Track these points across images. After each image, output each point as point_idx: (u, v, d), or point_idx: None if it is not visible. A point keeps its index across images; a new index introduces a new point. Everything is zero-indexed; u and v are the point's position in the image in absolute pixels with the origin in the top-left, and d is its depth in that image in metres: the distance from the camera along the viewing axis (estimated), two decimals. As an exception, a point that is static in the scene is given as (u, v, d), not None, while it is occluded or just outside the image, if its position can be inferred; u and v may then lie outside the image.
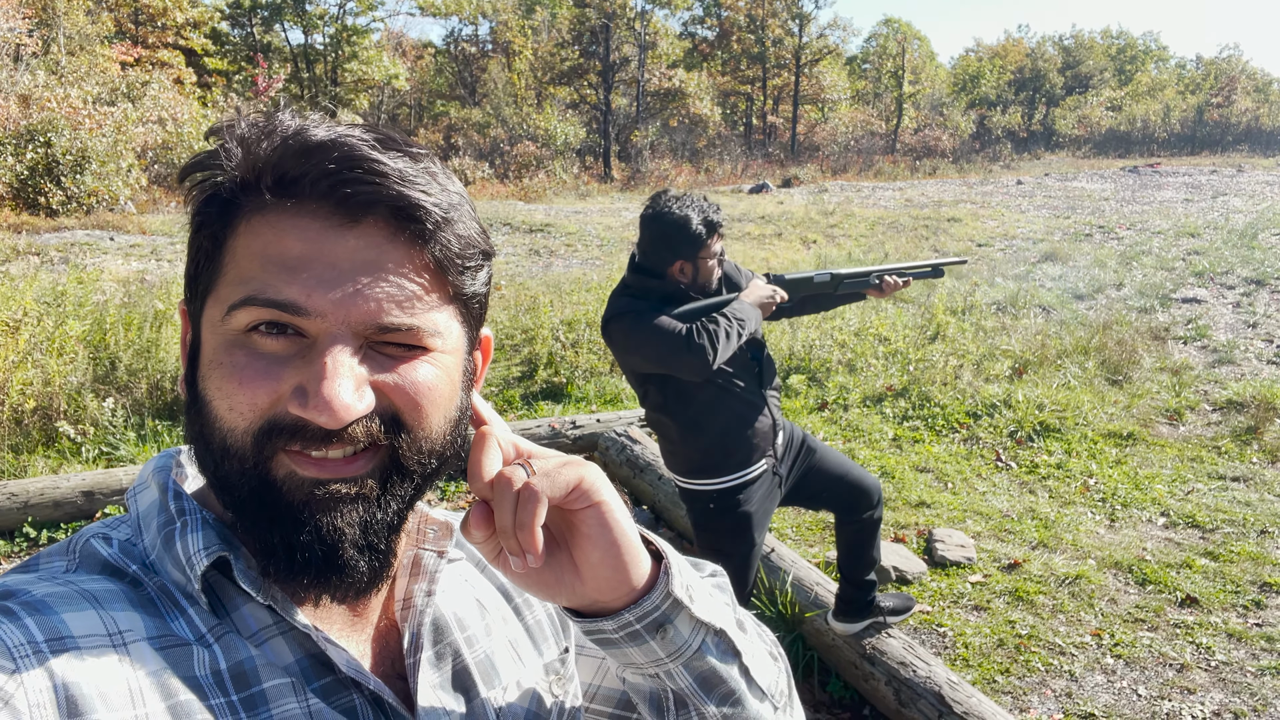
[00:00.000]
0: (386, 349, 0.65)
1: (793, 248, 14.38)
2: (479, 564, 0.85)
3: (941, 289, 10.36)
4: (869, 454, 5.74)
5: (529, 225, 15.38)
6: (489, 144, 29.81)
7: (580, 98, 35.11)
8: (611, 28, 31.95)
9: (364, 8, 40.69)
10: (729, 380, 2.69)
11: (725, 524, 2.74)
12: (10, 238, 11.68)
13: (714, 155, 34.01)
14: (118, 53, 27.14)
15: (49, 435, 5.45)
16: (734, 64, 43.35)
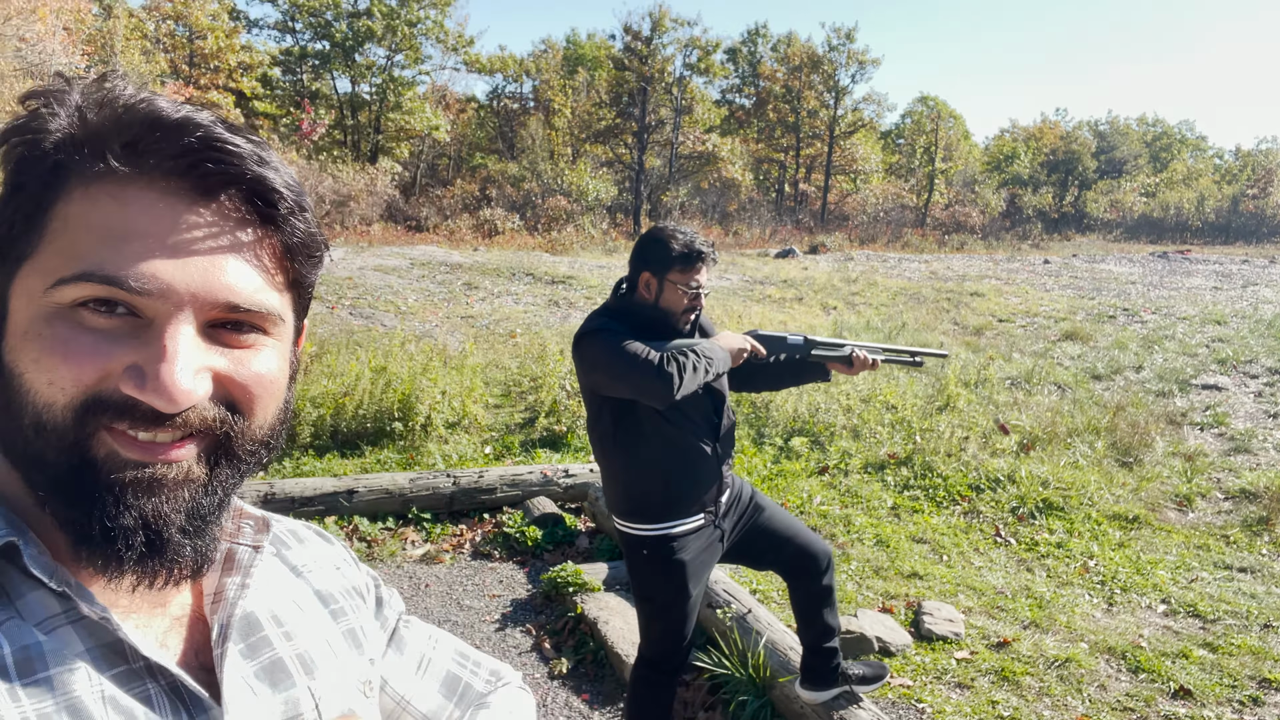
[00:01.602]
0: (226, 333, 0.63)
1: (812, 312, 14.37)
2: (294, 569, 0.82)
3: (956, 361, 10.28)
4: (866, 521, 5.63)
5: (551, 276, 15.52)
6: (521, 197, 30.30)
7: (615, 156, 35.70)
8: (649, 90, 32.61)
9: (411, 61, 41.96)
10: (684, 424, 2.61)
11: (658, 572, 2.65)
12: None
13: (744, 219, 34.33)
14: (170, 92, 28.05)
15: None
16: (769, 132, 43.99)
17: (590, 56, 43.60)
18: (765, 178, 44.45)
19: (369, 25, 38.67)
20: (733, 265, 20.46)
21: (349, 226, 24.15)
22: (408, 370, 6.83)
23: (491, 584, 4.60)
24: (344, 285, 13.14)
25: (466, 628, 4.13)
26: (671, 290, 2.57)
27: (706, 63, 38.02)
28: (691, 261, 2.56)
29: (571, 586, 4.28)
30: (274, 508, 4.81)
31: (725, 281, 17.35)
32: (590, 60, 43.16)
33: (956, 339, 12.53)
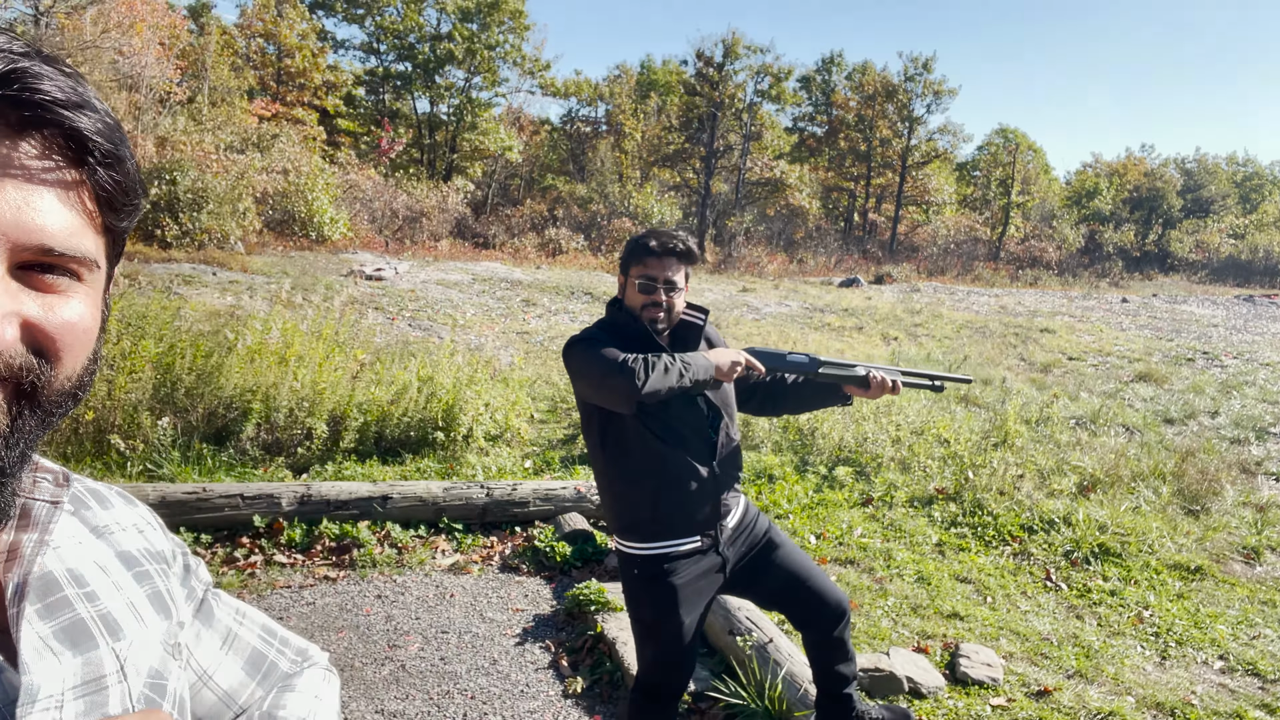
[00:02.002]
0: (37, 276, 0.60)
1: (871, 342, 14.11)
2: (96, 530, 0.78)
3: (1018, 397, 9.94)
4: (908, 556, 5.43)
5: (609, 295, 15.55)
6: (588, 218, 30.56)
7: (682, 180, 35.81)
8: (719, 116, 32.68)
9: (488, 83, 42.87)
10: (673, 439, 2.49)
11: (649, 594, 2.55)
12: (124, 265, 12.45)
13: (810, 247, 34.05)
14: (257, 107, 29.13)
15: (100, 447, 5.65)
16: (839, 160, 43.65)
17: (663, 82, 43.93)
18: (834, 206, 44.06)
19: (450, 48, 39.66)
20: (794, 292, 20.26)
21: (418, 241, 24.64)
22: (452, 381, 6.87)
23: (516, 597, 4.56)
24: (406, 298, 13.37)
25: (486, 639, 4.09)
26: (632, 287, 2.50)
27: (778, 89, 37.95)
28: (645, 254, 2.47)
29: (594, 605, 4.20)
30: (309, 510, 4.87)
31: (784, 308, 17.17)
32: (662, 85, 43.48)
33: (1022, 375, 12.14)
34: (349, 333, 8.78)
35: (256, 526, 4.74)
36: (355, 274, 14.77)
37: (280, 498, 4.81)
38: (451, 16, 40.05)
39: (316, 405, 6.21)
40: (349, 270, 15.26)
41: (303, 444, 6.07)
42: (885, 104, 40.71)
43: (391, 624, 4.15)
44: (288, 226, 20.28)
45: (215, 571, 4.42)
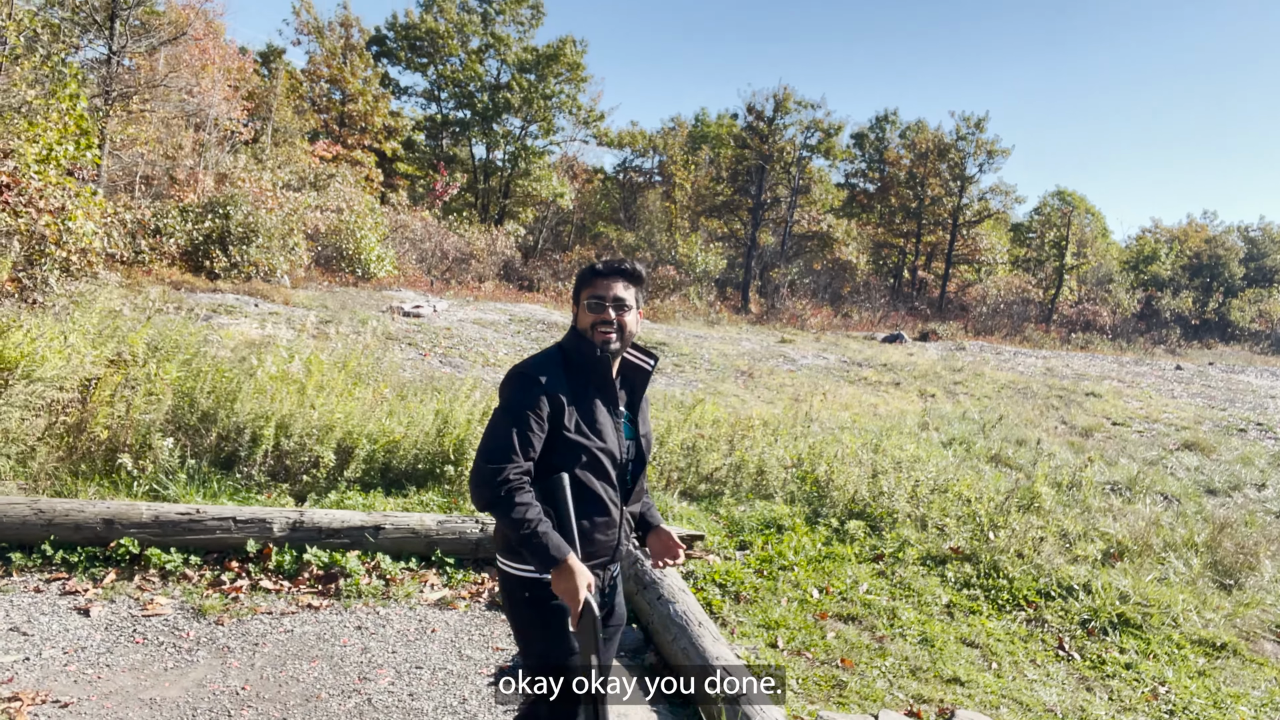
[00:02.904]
0: None
1: (907, 398, 13.84)
2: None
3: (1051, 459, 9.63)
4: (914, 616, 5.22)
5: (645, 342, 15.54)
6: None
7: (729, 231, 35.93)
8: (767, 169, 32.83)
9: (543, 132, 43.76)
10: (589, 474, 2.49)
11: (538, 618, 2.49)
12: (170, 293, 12.81)
13: (856, 301, 33.78)
14: (319, 149, 30.06)
15: (110, 465, 5.73)
16: (890, 217, 43.47)
17: (714, 134, 44.38)
18: (883, 262, 43.77)
19: (508, 97, 40.65)
20: (834, 345, 20.05)
21: (463, 282, 25.01)
22: (466, 417, 6.86)
23: (499, 636, 4.46)
24: (440, 335, 13.51)
25: (460, 677, 4.00)
26: (583, 309, 2.56)
27: (828, 144, 38.08)
28: (593, 275, 2.56)
29: (573, 647, 4.09)
30: (301, 536, 4.85)
31: (821, 360, 16.98)
32: (714, 137, 43.92)
33: (1060, 438, 11.78)
34: (372, 366, 8.87)
35: (247, 551, 4.74)
36: (393, 310, 14.99)
37: (272, 523, 4.81)
38: (511, 67, 41.12)
39: (326, 434, 6.24)
40: (388, 306, 15.50)
41: (309, 471, 6.09)
42: (938, 162, 40.54)
43: (367, 656, 4.08)
44: (336, 263, 20.74)
45: (200, 594, 4.41)
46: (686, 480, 7.13)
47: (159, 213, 15.74)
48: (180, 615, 4.19)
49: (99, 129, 16.93)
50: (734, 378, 13.76)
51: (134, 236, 14.56)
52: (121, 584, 4.38)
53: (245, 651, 3.96)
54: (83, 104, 7.79)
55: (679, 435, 7.59)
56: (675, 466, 7.18)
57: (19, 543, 4.45)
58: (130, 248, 14.17)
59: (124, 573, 4.48)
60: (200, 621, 4.16)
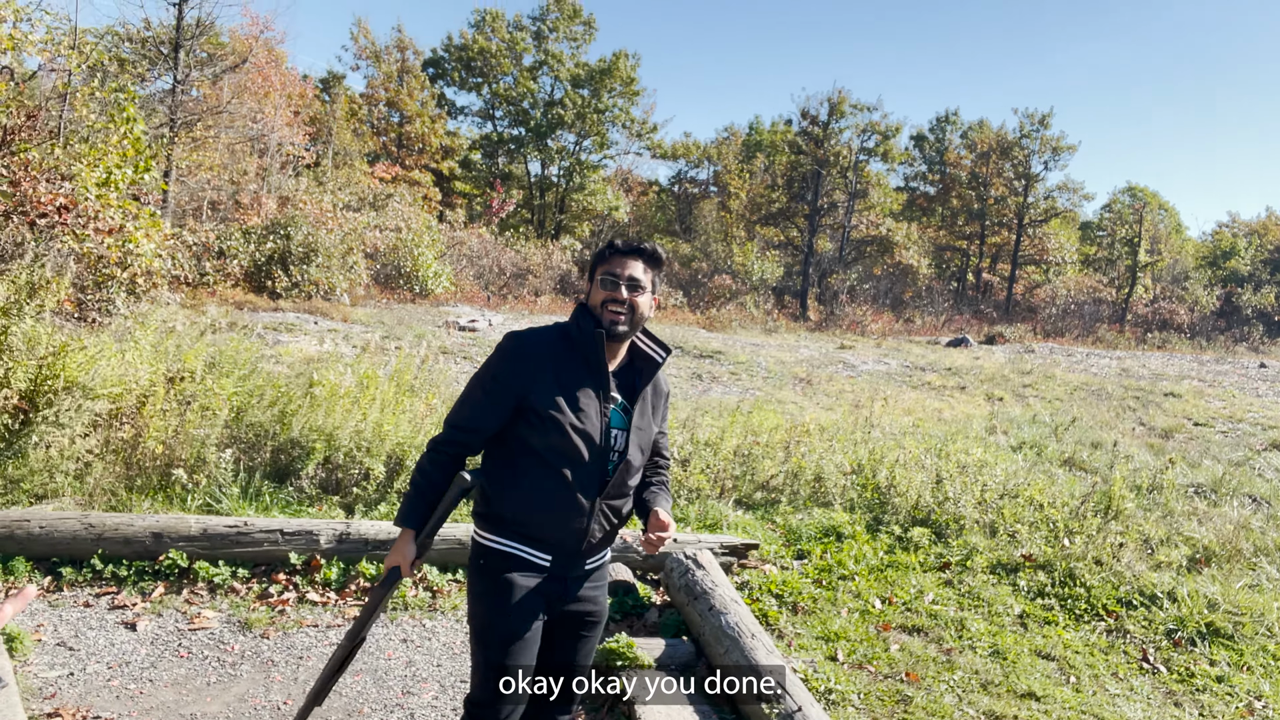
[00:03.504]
0: None
1: (974, 402, 13.39)
2: None
3: (1130, 462, 9.16)
4: (984, 628, 4.93)
5: (700, 351, 15.36)
6: (689, 275, 30.60)
7: (786, 238, 35.54)
8: (823, 174, 32.40)
9: (597, 146, 43.99)
10: (559, 462, 2.35)
11: (484, 590, 2.39)
12: (232, 312, 13.08)
13: (919, 306, 33.06)
14: (379, 170, 30.66)
15: (165, 479, 5.78)
16: (952, 219, 42.54)
17: (768, 142, 44.06)
18: (946, 266, 42.83)
19: (561, 113, 40.99)
20: (896, 351, 19.59)
21: (519, 296, 25.15)
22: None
23: (547, 650, 4.32)
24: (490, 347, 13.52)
25: (505, 692, 3.87)
26: (596, 285, 2.44)
27: (885, 147, 37.44)
28: (610, 252, 2.46)
29: (622, 660, 3.93)
30: (348, 548, 4.80)
31: (883, 366, 16.58)
32: (768, 145, 43.61)
33: (1138, 440, 11.24)
34: (424, 379, 8.87)
35: (294, 563, 4.70)
36: (449, 325, 15.09)
37: (319, 535, 4.77)
38: (564, 83, 41.47)
39: (377, 446, 6.22)
40: (444, 321, 15.61)
41: (359, 484, 6.06)
42: (1001, 161, 39.56)
43: (411, 669, 3.99)
44: (394, 280, 21.02)
45: (247, 607, 4.38)
46: (742, 488, 6.93)
47: (222, 235, 16.13)
48: (226, 629, 4.15)
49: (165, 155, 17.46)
50: (792, 385, 13.49)
51: (198, 259, 14.93)
52: (169, 597, 4.37)
53: (289, 665, 3.90)
54: (140, 128, 7.96)
55: (733, 442, 7.39)
56: (730, 474, 6.99)
57: (70, 557, 4.47)
58: (195, 270, 14.53)
59: (172, 586, 4.47)
60: (246, 635, 4.11)
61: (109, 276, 8.88)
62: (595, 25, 42.24)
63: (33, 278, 6.11)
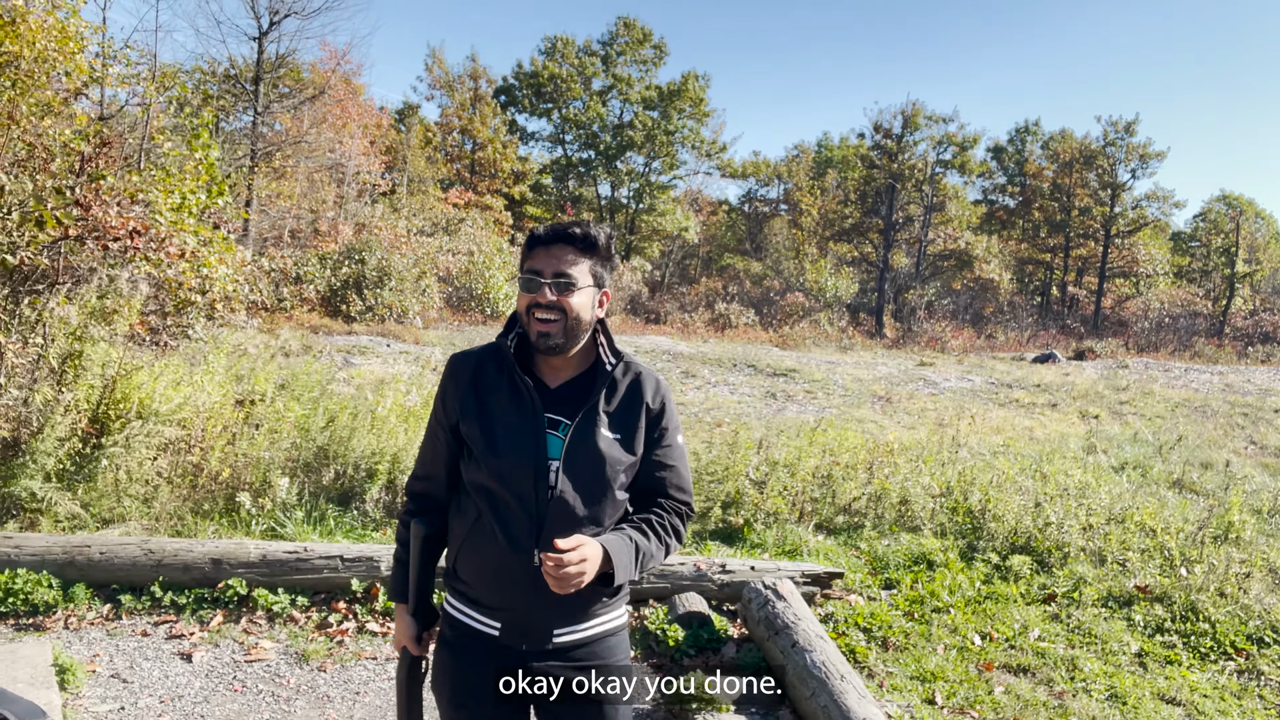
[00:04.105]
0: None
1: (1067, 420, 12.67)
2: None
3: (1245, 483, 8.45)
4: (1098, 668, 4.46)
5: (774, 369, 14.96)
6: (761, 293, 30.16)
7: (860, 254, 34.81)
8: (898, 188, 31.67)
9: (667, 167, 43.99)
10: (488, 503, 1.92)
11: (435, 661, 2.05)
12: (308, 336, 13.23)
13: (1001, 321, 31.93)
14: (452, 196, 31.14)
15: (230, 504, 5.69)
16: (1034, 231, 41.15)
17: (839, 158, 43.44)
18: (1029, 280, 41.39)
19: (631, 135, 41.14)
20: (979, 367, 18.83)
21: (590, 317, 25.11)
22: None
23: (616, 687, 4.03)
24: (564, 368, 13.39)
25: (571, 734, 3.58)
26: (519, 289, 1.94)
27: (963, 159, 36.46)
28: (532, 243, 1.93)
29: (696, 703, 3.62)
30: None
31: (966, 383, 15.90)
32: (839, 161, 42.98)
33: (1251, 459, 10.43)
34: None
35: (354, 591, 4.51)
36: (520, 346, 15.03)
37: (379, 561, 4.58)
38: (634, 106, 41.64)
39: (441, 468, 6.04)
40: (515, 343, 15.57)
41: (424, 508, 5.88)
42: (1084, 171, 38.12)
43: None
44: (465, 303, 21.16)
45: (305, 637, 4.20)
46: (822, 512, 6.54)
47: (300, 261, 16.43)
48: (283, 661, 3.97)
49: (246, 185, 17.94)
50: (870, 403, 12.98)
51: (276, 285, 15.21)
52: (228, 627, 4.22)
53: (345, 701, 3.69)
54: (215, 154, 8.04)
55: (811, 462, 7.02)
56: (809, 497, 6.61)
57: (130, 584, 4.37)
58: (273, 295, 14.79)
59: (231, 614, 4.33)
60: (303, 668, 3.93)
61: (188, 301, 9.00)
62: (666, 49, 42.36)
63: (104, 302, 6.13)
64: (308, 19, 22.93)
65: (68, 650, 3.78)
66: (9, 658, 3.20)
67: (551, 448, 1.91)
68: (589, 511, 1.92)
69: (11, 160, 6.30)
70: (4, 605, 4.03)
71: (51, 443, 5.13)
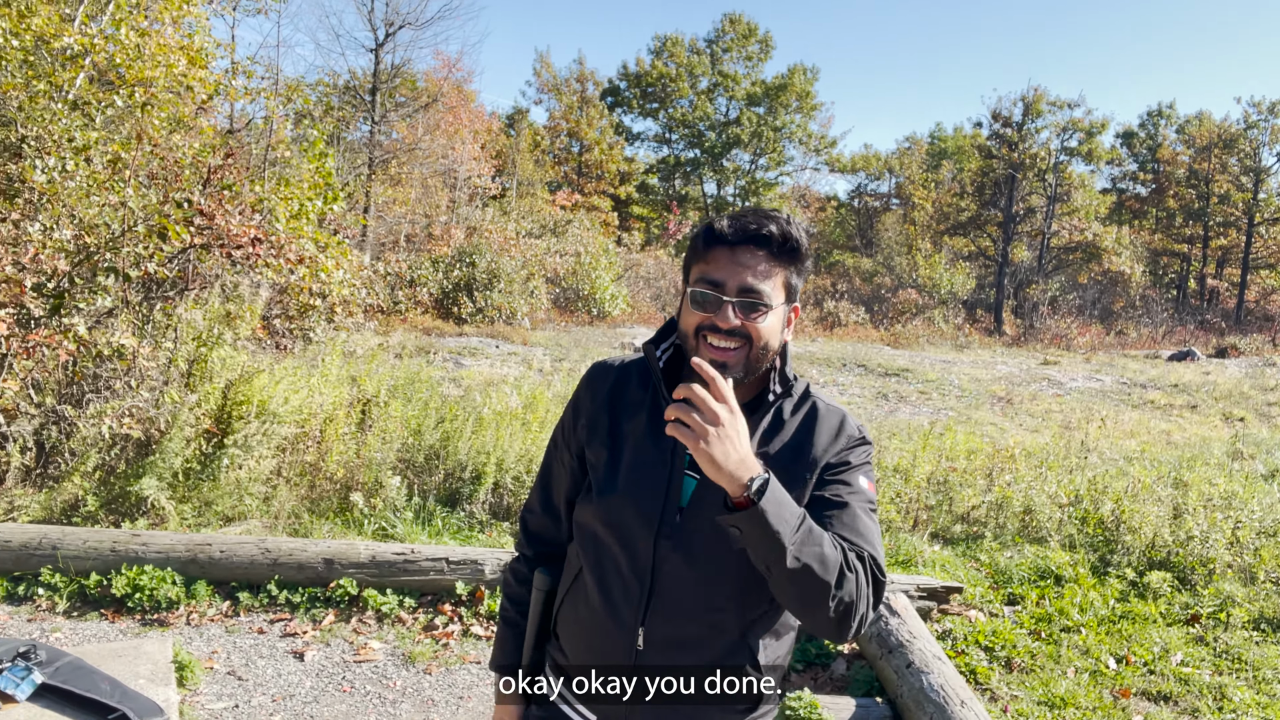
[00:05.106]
0: None
1: (1208, 423, 11.80)
2: None
3: None
4: (1251, 698, 4.06)
5: (885, 369, 14.49)
6: (871, 290, 29.40)
7: (977, 248, 33.48)
8: (1018, 178, 30.29)
9: (773, 164, 43.47)
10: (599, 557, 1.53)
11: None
12: (420, 338, 13.59)
13: (1132, 317, 30.13)
14: (560, 198, 31.58)
15: (344, 503, 5.84)
16: (1168, 221, 38.69)
17: (953, 149, 41.95)
18: (1163, 272, 38.95)
19: (737, 133, 40.85)
20: (1109, 366, 17.79)
21: (696, 317, 25.05)
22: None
23: (721, 700, 3.91)
24: (670, 368, 13.32)
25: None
26: (687, 302, 1.47)
27: (1089, 145, 34.57)
28: (711, 242, 1.46)
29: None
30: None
31: (1094, 383, 15.03)
32: (954, 152, 41.51)
33: None
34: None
35: (459, 593, 4.54)
36: (624, 345, 15.05)
37: (484, 564, 4.59)
38: (740, 103, 41.32)
39: (546, 470, 6.05)
40: (620, 343, 15.60)
41: (528, 510, 5.90)
42: (1224, 155, 35.57)
43: (574, 716, 3.68)
44: (573, 304, 21.38)
45: (412, 639, 4.24)
46: (938, 520, 6.24)
47: (413, 265, 16.93)
48: (390, 662, 4.02)
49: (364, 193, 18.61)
50: (989, 404, 12.40)
51: (392, 288, 15.71)
52: (339, 626, 4.30)
53: (449, 705, 3.70)
54: (330, 162, 8.31)
55: (926, 468, 6.70)
56: (924, 505, 6.31)
57: (248, 581, 4.51)
58: (389, 299, 15.28)
59: (342, 614, 4.41)
60: (409, 670, 3.96)
61: (309, 306, 9.36)
62: (772, 43, 41.91)
63: (227, 307, 6.40)
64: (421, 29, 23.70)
65: (188, 646, 3.91)
66: (132, 653, 3.33)
67: (688, 494, 1.48)
68: (706, 583, 1.47)
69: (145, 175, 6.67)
70: (131, 601, 4.22)
71: (178, 442, 5.37)
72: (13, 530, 4.46)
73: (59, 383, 5.75)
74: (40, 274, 5.25)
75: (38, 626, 4.06)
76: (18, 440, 5.37)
